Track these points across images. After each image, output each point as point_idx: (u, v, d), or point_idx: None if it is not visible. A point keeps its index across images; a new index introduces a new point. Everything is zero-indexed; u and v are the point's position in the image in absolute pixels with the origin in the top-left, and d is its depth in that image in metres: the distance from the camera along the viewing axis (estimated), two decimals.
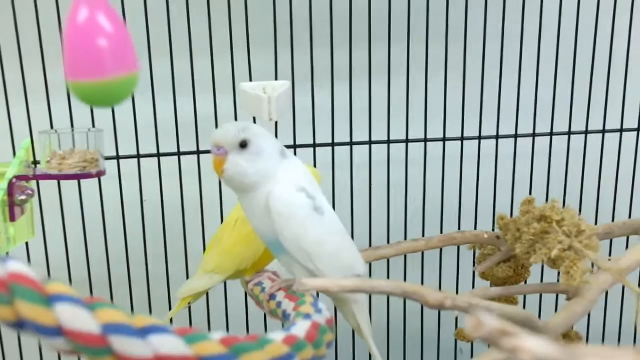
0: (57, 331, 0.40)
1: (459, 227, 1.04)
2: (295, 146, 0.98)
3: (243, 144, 0.66)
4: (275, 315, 0.70)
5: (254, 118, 0.91)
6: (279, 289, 0.71)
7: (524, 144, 1.05)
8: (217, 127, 0.69)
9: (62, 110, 0.92)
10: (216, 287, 0.83)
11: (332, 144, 0.99)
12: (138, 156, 0.96)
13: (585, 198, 1.07)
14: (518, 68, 1.01)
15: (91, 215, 0.96)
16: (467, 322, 0.37)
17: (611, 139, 1.07)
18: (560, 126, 1.04)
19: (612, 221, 1.02)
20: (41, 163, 0.79)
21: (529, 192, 1.03)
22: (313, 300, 0.63)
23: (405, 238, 1.00)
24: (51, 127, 0.91)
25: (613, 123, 1.06)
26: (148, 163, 0.97)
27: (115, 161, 0.94)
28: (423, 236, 0.98)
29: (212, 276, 0.80)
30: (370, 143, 1.01)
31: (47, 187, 0.91)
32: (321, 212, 0.69)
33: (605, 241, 0.94)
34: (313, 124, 0.98)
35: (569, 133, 1.05)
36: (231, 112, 0.95)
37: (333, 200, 0.97)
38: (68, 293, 0.41)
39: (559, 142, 1.05)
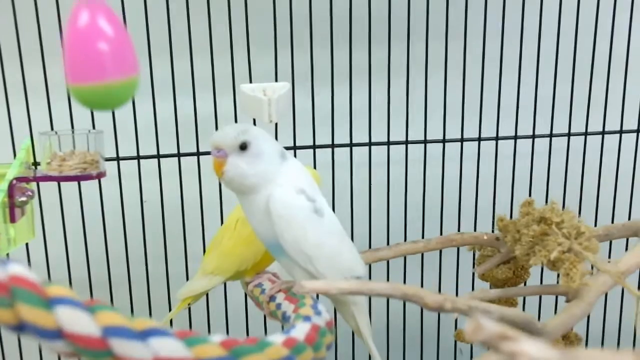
0: (58, 334, 0.40)
1: (459, 229, 1.04)
2: (295, 148, 0.98)
3: (243, 146, 0.66)
4: (275, 316, 0.70)
5: (254, 120, 0.91)
6: (279, 291, 0.71)
7: (524, 145, 1.05)
8: (217, 129, 0.69)
9: (63, 111, 0.92)
10: (216, 288, 0.83)
11: (332, 146, 0.99)
12: (138, 157, 0.96)
13: (584, 200, 1.07)
14: (518, 69, 1.01)
15: (91, 216, 0.96)
16: (467, 326, 0.37)
17: (611, 141, 1.07)
18: (560, 127, 1.05)
19: (612, 223, 1.02)
20: (41, 164, 0.79)
21: (529, 194, 1.03)
22: (313, 302, 0.63)
23: (405, 239, 1.00)
24: (51, 129, 0.91)
25: (613, 124, 1.06)
26: (148, 164, 0.97)
27: (115, 162, 0.94)
28: (423, 238, 0.98)
29: (212, 277, 0.80)
30: (370, 145, 1.01)
31: (48, 188, 0.91)
32: (321, 215, 0.69)
33: (604, 243, 0.94)
34: (313, 126, 0.98)
35: (569, 134, 1.05)
36: (231, 113, 0.95)
37: (333, 201, 0.97)
38: (68, 296, 0.41)
39: (559, 144, 1.05)
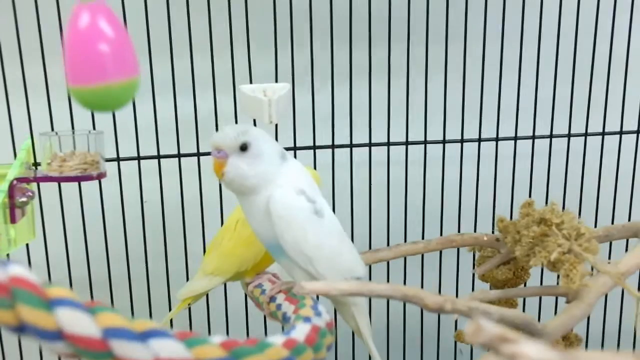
0: (58, 335, 0.40)
1: (459, 230, 1.04)
2: (295, 148, 0.98)
3: (243, 147, 0.66)
4: (275, 317, 0.70)
5: (254, 120, 0.91)
6: (279, 292, 0.71)
7: (524, 146, 1.05)
8: (218, 130, 0.69)
9: (63, 111, 0.92)
10: (216, 289, 0.83)
11: (332, 146, 1.00)
12: (139, 158, 0.96)
13: (584, 201, 1.07)
14: (518, 70, 1.01)
15: (92, 216, 0.96)
16: (467, 328, 0.37)
17: (611, 142, 1.07)
18: (560, 128, 1.05)
19: (612, 224, 1.02)
20: (42, 165, 0.79)
21: (529, 195, 1.03)
22: (313, 303, 0.63)
23: (405, 240, 1.00)
24: (52, 129, 0.91)
25: (613, 125, 1.06)
26: (148, 164, 0.97)
27: (115, 163, 0.94)
28: (423, 238, 0.98)
29: (212, 278, 0.80)
30: (370, 145, 1.01)
31: (48, 189, 0.91)
32: (321, 215, 0.69)
33: (604, 244, 0.94)
34: (313, 126, 0.98)
35: (569, 135, 1.05)
36: (231, 114, 0.95)
37: (333, 202, 0.97)
38: (69, 297, 0.41)
39: (559, 145, 1.05)
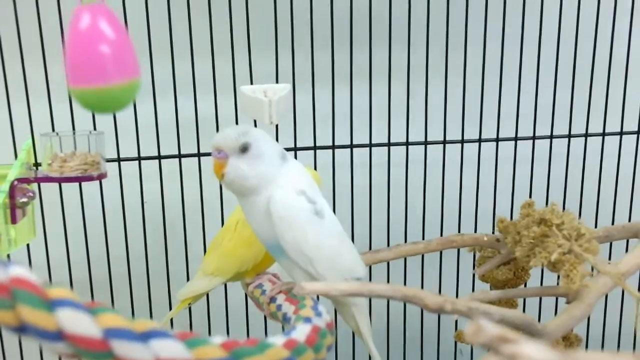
0: (59, 336, 0.40)
1: (459, 230, 1.04)
2: (295, 149, 0.98)
3: (243, 148, 0.66)
4: (275, 318, 0.70)
5: (255, 121, 0.91)
6: (280, 292, 0.71)
7: (524, 147, 1.05)
8: (218, 130, 0.69)
9: (64, 112, 0.92)
10: (217, 289, 0.84)
11: (333, 147, 1.00)
12: (139, 158, 0.96)
13: (585, 201, 1.07)
14: (518, 71, 1.01)
15: (92, 217, 0.97)
16: (467, 328, 0.37)
17: (611, 142, 1.07)
18: (560, 129, 1.05)
19: (612, 224, 1.02)
20: (42, 165, 0.79)
21: (529, 195, 1.03)
22: (313, 303, 0.63)
23: (405, 241, 1.00)
24: (52, 130, 0.91)
25: (613, 126, 1.07)
26: (149, 165, 0.97)
27: (116, 163, 0.94)
28: (423, 239, 0.98)
29: (213, 278, 0.80)
30: (370, 146, 1.01)
31: (48, 189, 0.91)
32: (322, 216, 0.69)
33: (605, 244, 0.94)
34: (314, 127, 0.98)
35: (569, 136, 1.06)
36: (232, 115, 0.96)
37: (333, 202, 0.97)
38: (70, 298, 0.41)
39: (559, 145, 1.05)
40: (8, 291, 0.39)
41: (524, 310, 0.95)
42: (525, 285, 0.92)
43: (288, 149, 0.86)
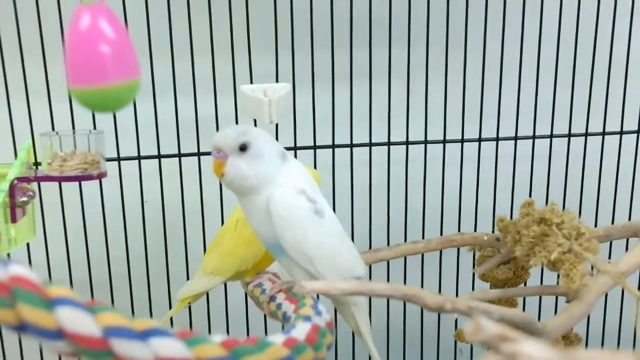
0: (59, 334, 0.40)
1: (459, 229, 1.04)
2: (295, 148, 0.98)
3: (243, 147, 0.66)
4: (275, 316, 0.70)
5: (255, 121, 0.91)
6: (280, 291, 0.71)
7: (524, 147, 1.05)
8: (218, 130, 0.69)
9: (64, 111, 0.92)
10: (216, 288, 0.84)
11: (333, 146, 1.00)
12: (139, 158, 0.96)
13: (585, 200, 1.07)
14: (518, 70, 1.01)
15: (92, 216, 0.97)
16: (467, 327, 0.37)
17: (611, 142, 1.07)
18: (560, 128, 1.05)
19: (612, 224, 1.02)
20: (42, 165, 0.79)
21: (529, 195, 1.03)
22: (313, 302, 0.63)
23: (405, 240, 1.00)
24: (52, 129, 0.91)
25: (613, 125, 1.07)
26: (149, 164, 0.97)
27: (116, 162, 0.94)
28: (423, 238, 0.98)
29: (212, 278, 0.80)
30: (370, 145, 1.01)
31: (48, 189, 0.91)
32: (322, 215, 0.69)
33: (604, 244, 0.94)
34: (314, 126, 0.98)
35: (569, 135, 1.06)
36: (232, 114, 0.96)
37: (333, 202, 0.97)
38: (69, 296, 0.41)
39: (559, 145, 1.05)
40: (8, 290, 0.39)
41: (524, 309, 0.95)
42: (525, 284, 0.92)
43: (288, 148, 0.86)
